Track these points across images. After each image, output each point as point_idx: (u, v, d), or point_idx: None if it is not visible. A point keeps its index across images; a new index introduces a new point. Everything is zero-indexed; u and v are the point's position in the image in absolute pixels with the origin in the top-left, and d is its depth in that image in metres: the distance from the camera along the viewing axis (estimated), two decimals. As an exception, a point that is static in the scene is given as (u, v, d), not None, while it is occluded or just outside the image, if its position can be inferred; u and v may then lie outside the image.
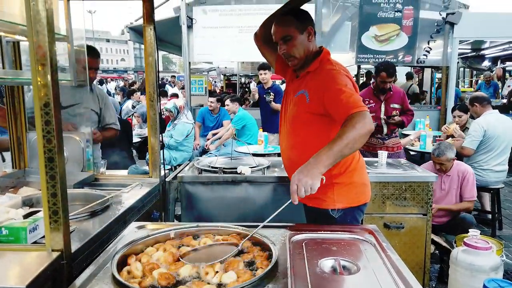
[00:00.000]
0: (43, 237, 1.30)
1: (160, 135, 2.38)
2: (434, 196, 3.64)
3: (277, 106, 5.38)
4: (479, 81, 13.86)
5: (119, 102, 9.66)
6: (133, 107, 8.01)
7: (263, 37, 2.06)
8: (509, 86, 10.01)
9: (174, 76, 18.06)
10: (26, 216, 1.47)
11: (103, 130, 3.05)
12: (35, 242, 1.33)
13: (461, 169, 3.46)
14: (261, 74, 5.41)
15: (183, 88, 10.29)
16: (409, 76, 10.01)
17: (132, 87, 12.31)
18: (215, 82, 19.17)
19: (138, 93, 8.79)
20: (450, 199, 3.45)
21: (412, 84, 9.81)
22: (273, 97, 5.14)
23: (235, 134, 5.01)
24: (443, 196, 3.47)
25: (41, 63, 1.14)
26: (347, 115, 1.57)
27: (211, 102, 6.22)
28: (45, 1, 1.12)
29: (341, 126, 1.59)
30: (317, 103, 1.73)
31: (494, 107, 4.22)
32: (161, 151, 2.36)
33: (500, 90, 11.15)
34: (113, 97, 14.40)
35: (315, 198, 1.85)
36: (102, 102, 3.03)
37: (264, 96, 5.24)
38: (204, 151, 5.83)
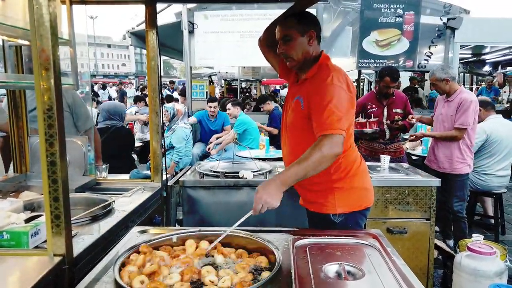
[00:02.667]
0: (45, 241, 1.29)
1: (162, 139, 2.38)
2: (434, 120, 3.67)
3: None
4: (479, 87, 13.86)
5: None
6: (136, 113, 7.99)
7: (266, 42, 2.07)
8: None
9: (173, 82, 18.03)
10: (27, 221, 1.46)
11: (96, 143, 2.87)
12: (36, 247, 1.32)
13: (464, 96, 3.30)
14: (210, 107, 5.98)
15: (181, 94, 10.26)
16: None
17: (143, 92, 12.25)
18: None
19: (142, 102, 8.70)
20: (444, 126, 3.45)
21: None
22: None
23: (236, 139, 5.00)
24: (439, 122, 3.49)
25: (44, 67, 1.14)
26: (319, 134, 1.60)
27: (214, 107, 6.06)
28: (48, 5, 1.12)
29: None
30: (309, 110, 1.73)
31: (497, 112, 4.21)
32: (163, 155, 2.36)
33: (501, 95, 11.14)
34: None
35: (316, 203, 1.85)
36: (68, 96, 2.64)
37: None
38: (204, 156, 5.81)
